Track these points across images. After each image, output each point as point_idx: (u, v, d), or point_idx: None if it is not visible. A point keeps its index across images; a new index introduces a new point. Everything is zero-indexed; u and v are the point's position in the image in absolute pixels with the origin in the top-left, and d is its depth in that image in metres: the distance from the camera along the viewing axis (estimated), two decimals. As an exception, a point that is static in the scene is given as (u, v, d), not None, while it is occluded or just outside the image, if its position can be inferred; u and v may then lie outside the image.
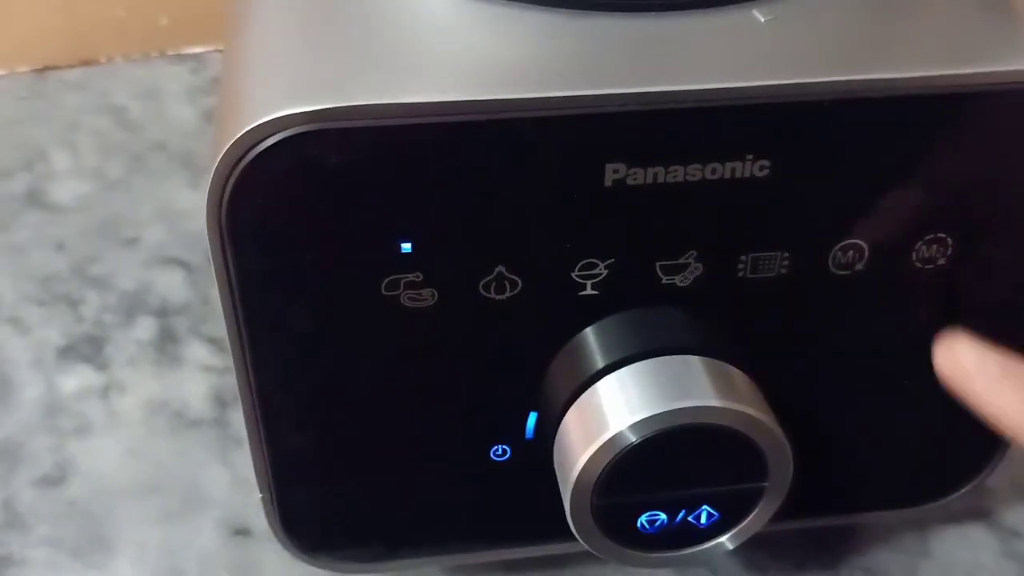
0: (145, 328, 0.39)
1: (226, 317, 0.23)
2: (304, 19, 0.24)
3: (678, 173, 0.22)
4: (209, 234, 0.21)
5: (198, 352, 0.38)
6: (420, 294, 0.23)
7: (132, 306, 0.40)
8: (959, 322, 0.25)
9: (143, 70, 0.52)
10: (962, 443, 0.29)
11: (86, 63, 0.52)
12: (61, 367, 0.38)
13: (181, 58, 0.52)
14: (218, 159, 0.20)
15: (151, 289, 0.40)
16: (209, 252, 0.21)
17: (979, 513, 0.33)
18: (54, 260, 0.42)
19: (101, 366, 0.38)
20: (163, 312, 0.40)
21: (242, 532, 0.32)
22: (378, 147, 0.21)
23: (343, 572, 0.29)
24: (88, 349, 0.38)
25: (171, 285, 0.41)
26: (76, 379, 0.37)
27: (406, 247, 0.22)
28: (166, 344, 0.38)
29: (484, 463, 0.26)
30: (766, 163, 0.22)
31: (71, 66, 0.52)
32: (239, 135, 0.20)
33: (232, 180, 0.21)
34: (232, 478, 0.34)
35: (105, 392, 0.37)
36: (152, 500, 0.33)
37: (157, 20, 0.52)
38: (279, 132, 0.20)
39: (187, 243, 0.42)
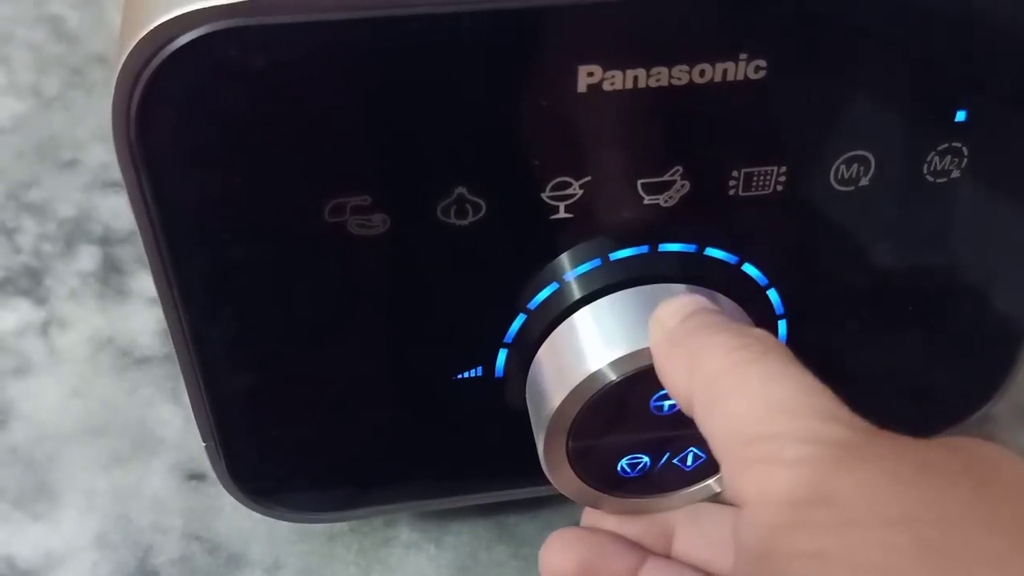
0: (87, 258, 0.37)
1: (148, 252, 0.20)
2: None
3: (661, 76, 0.19)
4: (118, 154, 0.18)
5: (145, 283, 0.36)
6: (370, 220, 0.20)
7: (73, 234, 0.37)
8: (966, 236, 0.23)
9: (80, -25, 0.48)
10: (968, 370, 0.27)
11: (18, -32, 0.48)
12: (-3, 302, 0.35)
13: (122, -39, 0.48)
14: (122, 62, 0.18)
15: (93, 215, 0.38)
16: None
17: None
18: (-13, 186, 0.39)
19: (40, 300, 0.36)
20: (106, 240, 0.37)
21: (197, 476, 0.31)
22: (312, 46, 0.18)
23: (304, 522, 0.27)
24: (26, 282, 0.36)
25: (115, 211, 0.38)
26: (14, 315, 0.35)
27: (353, 165, 0.19)
28: (110, 275, 0.36)
29: (448, 403, 0.24)
30: (762, 63, 0.19)
31: (1, -28, 0.48)
32: (146, 32, 0.17)
33: (140, 87, 0.18)
34: (185, 419, 0.32)
35: (45, 328, 0.35)
36: (99, 444, 0.32)
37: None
38: (194, 29, 0.17)
39: (132, 165, 0.39)
